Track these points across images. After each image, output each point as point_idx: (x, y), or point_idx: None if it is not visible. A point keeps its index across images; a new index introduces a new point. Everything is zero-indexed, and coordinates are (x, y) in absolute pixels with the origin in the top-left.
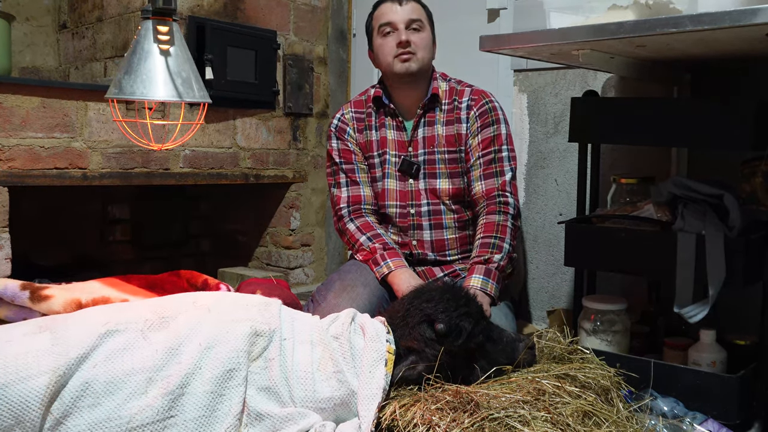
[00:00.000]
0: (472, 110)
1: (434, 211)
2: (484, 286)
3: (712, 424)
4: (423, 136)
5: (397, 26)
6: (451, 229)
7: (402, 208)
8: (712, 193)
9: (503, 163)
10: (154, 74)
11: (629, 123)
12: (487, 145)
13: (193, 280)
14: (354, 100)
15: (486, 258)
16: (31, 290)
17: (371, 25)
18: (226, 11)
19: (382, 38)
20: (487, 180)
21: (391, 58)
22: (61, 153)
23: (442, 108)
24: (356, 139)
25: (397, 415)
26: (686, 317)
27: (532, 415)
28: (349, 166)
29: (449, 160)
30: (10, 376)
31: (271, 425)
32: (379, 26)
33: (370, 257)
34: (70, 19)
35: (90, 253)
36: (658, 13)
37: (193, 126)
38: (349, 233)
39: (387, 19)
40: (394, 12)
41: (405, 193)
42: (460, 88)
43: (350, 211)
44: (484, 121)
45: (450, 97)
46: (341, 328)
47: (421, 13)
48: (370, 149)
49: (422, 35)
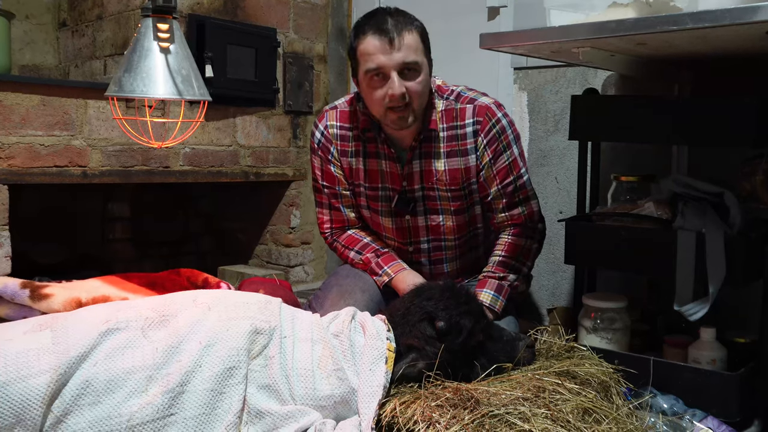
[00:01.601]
0: (479, 137)
1: (434, 248)
2: (493, 302)
3: (712, 422)
4: (420, 169)
5: (389, 73)
6: (452, 263)
7: (400, 245)
8: (713, 191)
9: (526, 189)
10: (154, 72)
11: (630, 121)
12: (505, 176)
13: (194, 278)
14: (340, 110)
15: (501, 276)
16: (31, 289)
17: (356, 57)
18: (226, 9)
19: (369, 83)
20: (511, 210)
21: (383, 109)
22: (61, 151)
23: (440, 137)
24: (340, 162)
25: (397, 412)
26: (686, 315)
27: (533, 411)
28: (331, 191)
29: (452, 198)
30: (11, 374)
31: (271, 423)
32: (365, 70)
33: (367, 268)
34: (69, 17)
35: (90, 252)
36: (659, 11)
37: (193, 124)
38: (339, 250)
39: (375, 64)
40: (385, 56)
41: (403, 230)
42: (460, 106)
43: (333, 231)
44: (496, 149)
45: (449, 120)
46: (341, 325)
47: (418, 47)
48: (357, 178)
49: (419, 79)
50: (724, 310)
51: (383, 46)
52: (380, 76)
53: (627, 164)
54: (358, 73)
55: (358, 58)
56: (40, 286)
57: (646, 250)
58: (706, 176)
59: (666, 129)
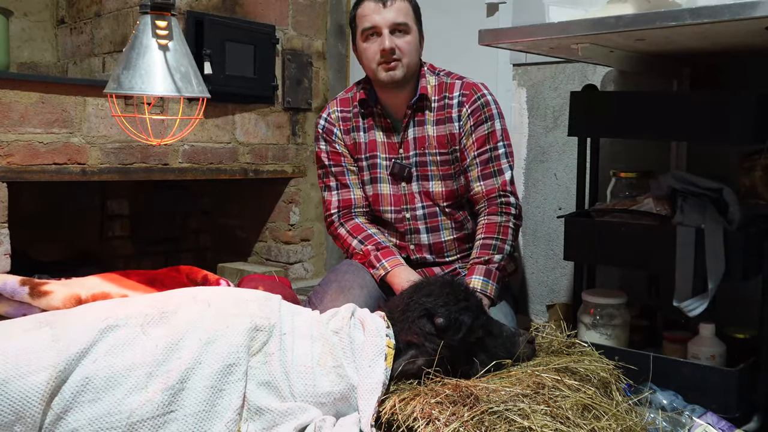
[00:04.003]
0: (464, 107)
1: (430, 213)
2: (484, 287)
3: (711, 417)
4: (413, 137)
5: (381, 31)
6: (448, 231)
7: (397, 213)
8: (712, 187)
9: (501, 161)
10: (152, 69)
11: (629, 117)
12: (482, 144)
13: (193, 275)
14: (340, 98)
15: (486, 259)
16: (31, 286)
17: (354, 22)
18: (224, 6)
19: (364, 42)
20: (486, 180)
21: (375, 64)
22: (59, 148)
23: (432, 107)
24: (344, 140)
25: (396, 409)
26: (686, 311)
27: (532, 408)
28: (339, 168)
29: (441, 162)
30: (11, 372)
31: (271, 420)
32: (362, 29)
33: (366, 260)
34: (68, 15)
35: (89, 249)
36: (658, 7)
37: (192, 121)
38: (341, 238)
39: (370, 23)
40: (378, 15)
41: (399, 197)
42: (449, 81)
43: (340, 215)
44: (477, 118)
45: (440, 93)
46: (341, 322)
47: (408, 12)
48: (359, 151)
49: (408, 39)
50: (724, 306)
51: (377, 7)
52: (374, 35)
53: (626, 160)
54: (356, 39)
55: (357, 21)
56: (40, 284)
57: (646, 246)
58: (705, 172)
59: (665, 125)
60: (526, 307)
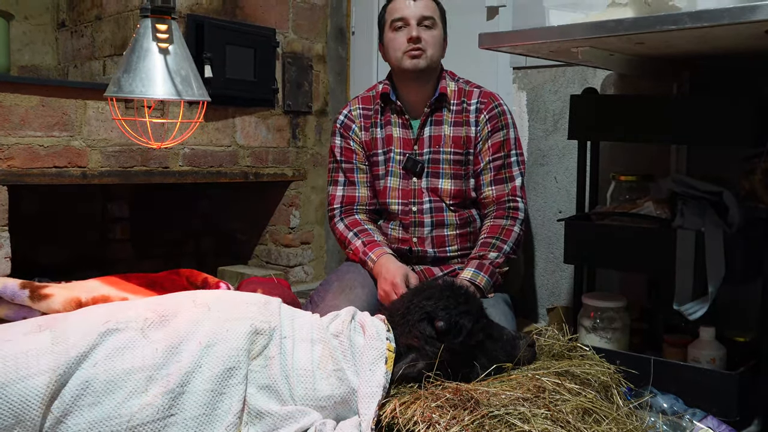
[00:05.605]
0: (482, 114)
1: (436, 208)
2: (474, 277)
3: (712, 421)
4: (429, 135)
5: (409, 22)
6: (452, 226)
7: (404, 206)
8: (712, 191)
9: (513, 168)
10: (153, 73)
11: (629, 120)
12: (497, 150)
13: (193, 278)
14: (362, 96)
15: (481, 254)
16: (31, 289)
17: (384, 18)
18: (224, 9)
19: (393, 32)
20: (497, 185)
21: (401, 53)
22: (60, 151)
23: (450, 108)
24: (361, 137)
25: (397, 412)
26: (686, 314)
27: (532, 412)
28: (349, 165)
29: (454, 161)
30: (10, 375)
31: (271, 423)
32: (391, 21)
33: (359, 255)
34: (68, 18)
35: (90, 252)
36: (658, 11)
37: (192, 124)
38: (339, 232)
39: (400, 14)
40: (407, 7)
41: (408, 191)
42: (468, 89)
43: (342, 211)
44: (494, 125)
45: (458, 97)
46: (341, 326)
47: (435, 10)
48: (375, 147)
49: (433, 33)
50: (724, 309)
51: (407, 2)
52: (403, 26)
53: (626, 164)
54: (384, 34)
55: (386, 16)
56: (40, 287)
57: (646, 250)
58: (705, 175)
59: (665, 128)
60: (526, 311)
